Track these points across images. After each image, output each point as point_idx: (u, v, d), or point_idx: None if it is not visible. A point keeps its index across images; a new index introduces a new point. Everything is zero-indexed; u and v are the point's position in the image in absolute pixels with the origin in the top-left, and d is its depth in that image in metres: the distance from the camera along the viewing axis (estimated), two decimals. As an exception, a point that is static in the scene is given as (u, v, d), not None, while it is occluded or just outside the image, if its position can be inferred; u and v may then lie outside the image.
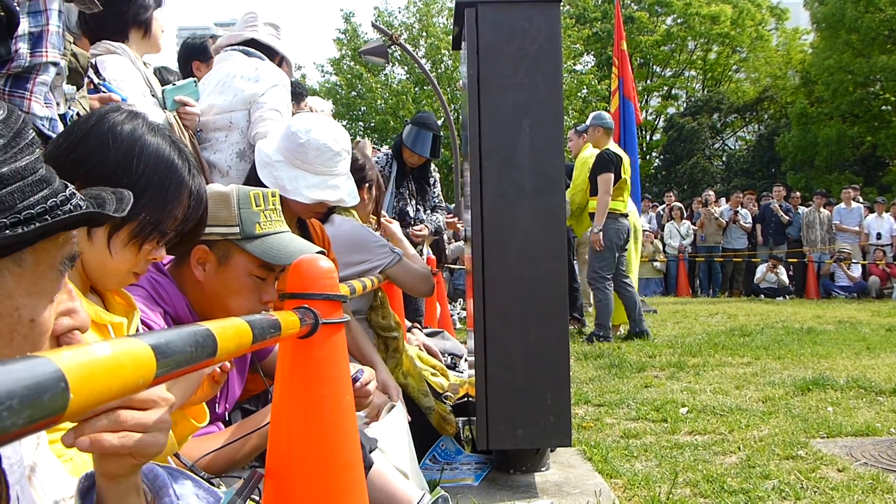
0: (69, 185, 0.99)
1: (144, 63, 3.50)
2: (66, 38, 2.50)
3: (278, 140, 3.02)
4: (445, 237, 8.06)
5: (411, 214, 5.82)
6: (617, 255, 8.20)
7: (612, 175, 8.01)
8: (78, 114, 2.55)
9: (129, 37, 3.42)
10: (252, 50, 3.79)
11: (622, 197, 8.27)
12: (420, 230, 5.67)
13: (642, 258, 15.08)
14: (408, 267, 3.63)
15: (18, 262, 0.93)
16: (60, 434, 1.41)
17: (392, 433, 2.85)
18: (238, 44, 3.85)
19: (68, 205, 0.95)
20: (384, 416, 2.94)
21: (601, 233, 7.97)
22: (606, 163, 8.08)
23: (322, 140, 2.93)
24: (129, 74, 3.30)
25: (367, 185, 3.87)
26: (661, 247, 16.91)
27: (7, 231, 0.87)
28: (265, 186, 2.74)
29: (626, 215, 8.33)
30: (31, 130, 0.96)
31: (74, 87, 2.53)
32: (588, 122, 8.56)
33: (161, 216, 1.67)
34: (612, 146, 8.41)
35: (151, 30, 3.49)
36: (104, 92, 2.96)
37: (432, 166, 6.12)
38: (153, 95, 3.43)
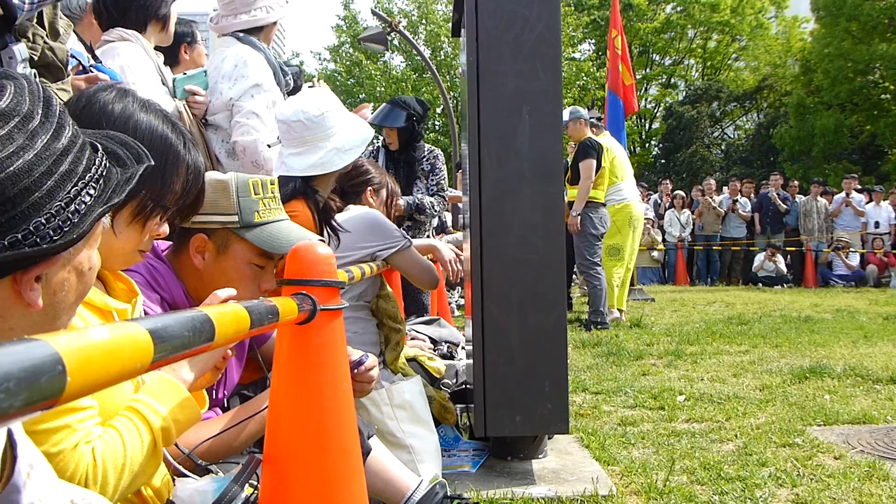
0: (96, 150, 1.09)
1: (156, 51, 3.54)
2: (39, 32, 2.50)
3: (301, 146, 3.09)
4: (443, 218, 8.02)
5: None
6: (600, 242, 8.38)
7: (595, 162, 8.15)
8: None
9: (147, 28, 3.46)
10: (244, 35, 3.77)
11: (602, 186, 8.41)
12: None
13: (640, 247, 15.13)
14: (416, 256, 3.63)
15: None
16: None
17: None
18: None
19: (105, 166, 1.08)
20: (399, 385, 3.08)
21: (579, 218, 8.12)
22: (589, 149, 8.26)
23: (326, 102, 3.10)
24: (141, 62, 3.33)
25: (370, 188, 3.87)
26: (659, 237, 16.89)
27: (69, 227, 0.99)
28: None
29: (605, 204, 8.49)
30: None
31: (33, 72, 2.51)
32: (567, 118, 8.58)
33: (161, 191, 1.67)
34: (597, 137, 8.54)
35: (168, 24, 3.54)
36: (93, 73, 2.96)
37: (426, 151, 6.01)
38: (163, 83, 3.46)
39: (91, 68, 2.97)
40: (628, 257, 8.99)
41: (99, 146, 1.11)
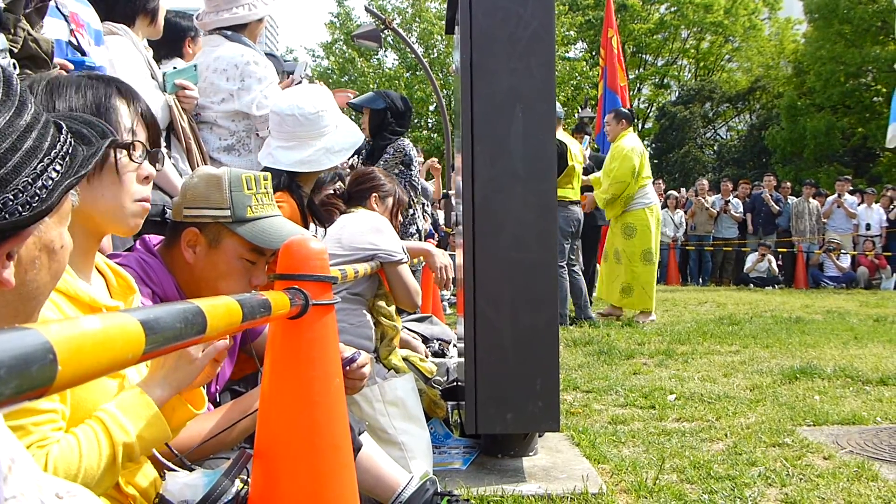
0: (61, 126, 1.09)
1: (146, 46, 3.53)
2: (23, 24, 2.49)
3: (291, 141, 3.10)
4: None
5: None
6: (570, 242, 8.42)
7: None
8: None
9: (135, 22, 3.46)
10: (231, 33, 3.79)
11: (571, 185, 8.40)
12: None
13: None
14: (408, 275, 3.63)
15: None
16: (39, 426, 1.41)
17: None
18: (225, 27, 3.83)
19: (70, 143, 1.08)
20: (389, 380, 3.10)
21: None
22: None
23: (323, 101, 3.11)
24: (129, 56, 3.32)
25: (376, 195, 3.86)
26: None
27: (39, 200, 0.99)
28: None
29: (576, 202, 8.51)
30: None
31: (12, 62, 2.50)
32: None
33: (119, 136, 1.65)
34: (559, 134, 8.53)
35: (157, 18, 3.54)
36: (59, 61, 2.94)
37: (400, 144, 5.97)
38: (153, 77, 3.45)
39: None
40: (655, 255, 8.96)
41: (63, 125, 1.11)
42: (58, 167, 1.04)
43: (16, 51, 2.45)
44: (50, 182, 1.01)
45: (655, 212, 8.92)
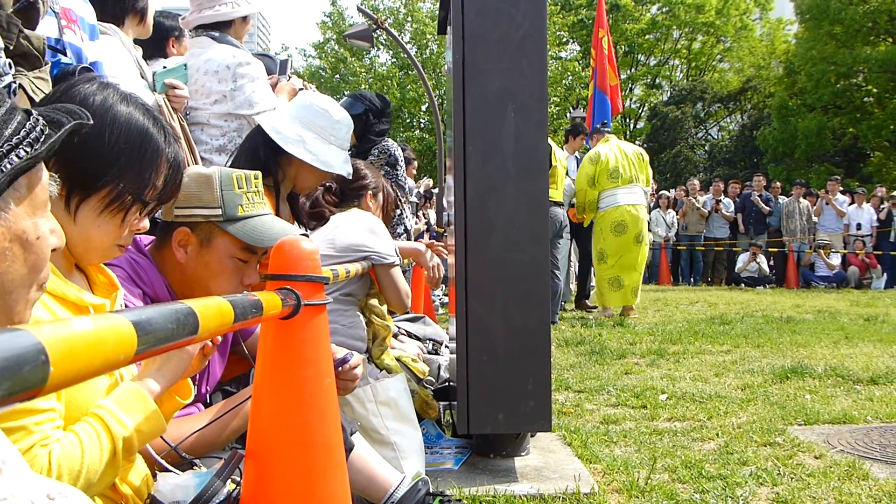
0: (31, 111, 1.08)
1: (135, 45, 3.53)
2: (14, 21, 2.48)
3: (302, 116, 3.06)
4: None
5: None
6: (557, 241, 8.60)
7: None
8: (33, 93, 2.52)
9: (125, 22, 3.46)
10: (218, 34, 3.79)
11: (555, 185, 8.48)
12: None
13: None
14: (399, 277, 3.62)
15: (16, 188, 1.05)
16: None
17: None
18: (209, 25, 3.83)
19: (39, 130, 1.06)
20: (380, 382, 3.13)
21: None
22: None
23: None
24: (119, 55, 3.31)
25: (369, 192, 3.86)
26: (650, 238, 16.93)
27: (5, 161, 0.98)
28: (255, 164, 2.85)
29: (558, 203, 8.66)
30: None
31: (7, 62, 2.49)
32: None
33: (141, 185, 1.64)
34: None
35: (146, 17, 3.55)
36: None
37: (384, 145, 5.96)
38: (143, 77, 3.45)
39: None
40: (623, 259, 8.98)
41: (32, 112, 1.09)
42: (22, 153, 1.01)
43: (11, 47, 2.44)
44: (8, 167, 0.99)
45: (612, 215, 8.99)
